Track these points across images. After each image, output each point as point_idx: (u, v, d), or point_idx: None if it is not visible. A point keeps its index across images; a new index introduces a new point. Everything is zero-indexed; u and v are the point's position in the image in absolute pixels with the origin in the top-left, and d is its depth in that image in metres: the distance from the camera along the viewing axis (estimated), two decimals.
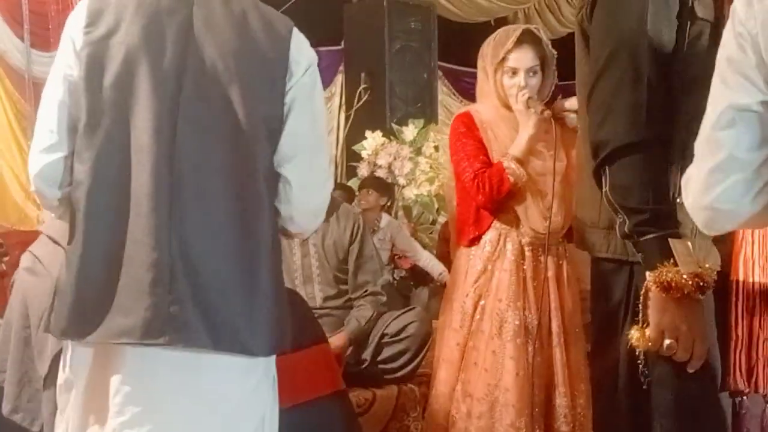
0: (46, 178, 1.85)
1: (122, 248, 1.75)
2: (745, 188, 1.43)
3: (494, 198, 2.89)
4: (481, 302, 2.92)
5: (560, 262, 2.98)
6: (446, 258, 5.01)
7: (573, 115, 2.94)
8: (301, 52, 1.90)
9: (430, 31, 7.88)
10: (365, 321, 3.69)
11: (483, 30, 2.96)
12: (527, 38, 2.95)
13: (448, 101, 8.66)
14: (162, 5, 1.83)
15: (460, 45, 7.43)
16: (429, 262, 5.93)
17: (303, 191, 1.91)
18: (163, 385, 1.78)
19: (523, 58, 2.94)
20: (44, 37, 6.68)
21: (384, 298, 3.87)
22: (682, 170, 1.55)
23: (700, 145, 1.49)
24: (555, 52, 3.02)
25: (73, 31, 1.83)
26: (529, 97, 2.90)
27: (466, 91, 8.22)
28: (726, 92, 1.43)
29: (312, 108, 1.92)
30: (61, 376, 1.86)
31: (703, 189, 1.47)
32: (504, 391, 2.83)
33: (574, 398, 2.93)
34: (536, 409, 2.89)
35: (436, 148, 7.02)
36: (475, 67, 3.11)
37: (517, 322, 2.87)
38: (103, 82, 1.79)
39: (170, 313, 1.73)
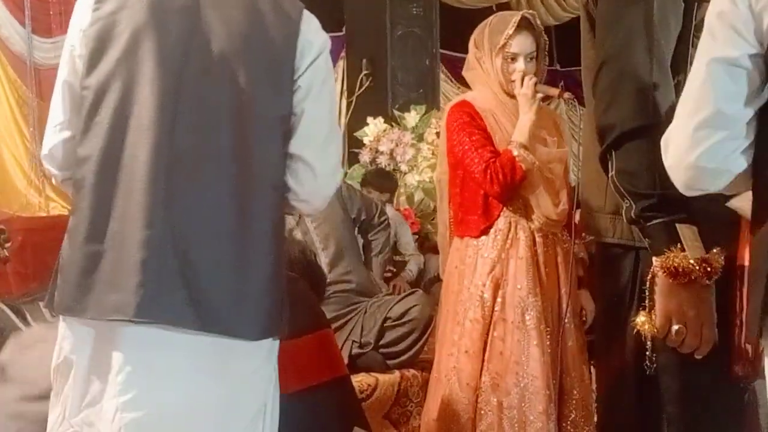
0: (54, 158, 1.89)
1: (119, 224, 1.76)
2: (731, 147, 1.43)
3: (509, 187, 2.87)
4: (500, 291, 2.90)
5: (565, 246, 2.98)
6: None
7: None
8: (313, 34, 1.89)
9: (432, 16, 7.86)
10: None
11: (484, 16, 2.95)
12: (525, 24, 2.96)
13: (445, 87, 8.64)
14: None
15: (459, 31, 7.42)
16: (414, 262, 5.82)
17: (322, 174, 1.92)
18: (164, 365, 1.78)
19: (523, 43, 2.94)
20: (46, 23, 6.66)
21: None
22: None
23: (684, 102, 1.49)
24: (547, 40, 3.04)
25: (82, 9, 1.83)
26: (536, 83, 2.90)
27: (464, 77, 8.19)
28: (714, 46, 1.43)
29: (328, 92, 1.94)
30: (58, 357, 1.84)
31: (688, 146, 1.46)
32: (532, 378, 2.82)
33: (581, 382, 2.94)
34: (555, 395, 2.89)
35: (438, 134, 7.00)
36: None
37: (538, 309, 2.87)
38: (108, 59, 1.79)
39: (160, 291, 1.73)
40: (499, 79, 2.96)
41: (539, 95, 2.93)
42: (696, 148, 1.45)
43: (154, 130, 1.76)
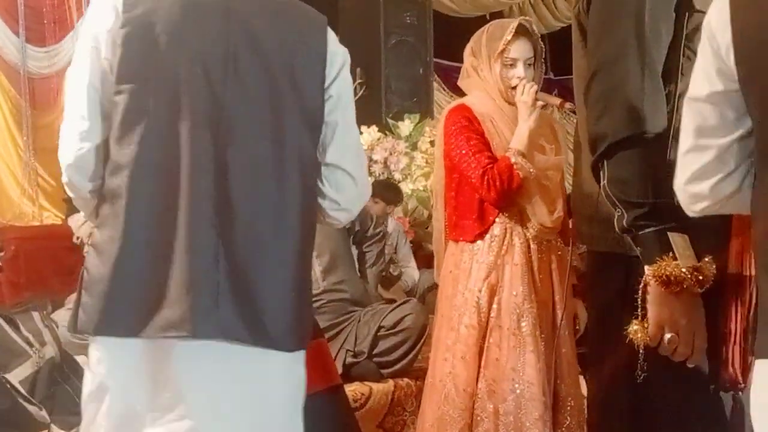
0: (81, 167, 1.79)
1: (165, 238, 1.70)
2: (708, 173, 1.50)
3: (505, 194, 2.87)
4: (496, 297, 2.90)
5: (559, 254, 2.99)
6: None
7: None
8: (337, 45, 1.92)
9: (426, 25, 7.88)
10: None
11: (478, 25, 2.96)
12: (522, 30, 2.96)
13: (439, 96, 8.65)
14: None
15: (453, 40, 7.44)
16: (410, 271, 5.82)
17: (361, 181, 1.96)
18: (214, 377, 1.76)
19: (522, 49, 2.94)
20: (39, 33, 6.67)
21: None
22: None
23: (681, 129, 1.56)
24: (543, 46, 3.04)
25: (105, 10, 1.76)
26: (537, 91, 2.90)
27: (457, 86, 8.21)
28: (692, 84, 1.52)
29: (352, 102, 1.96)
30: (90, 383, 1.78)
31: (680, 170, 1.56)
32: (528, 385, 2.82)
33: (576, 389, 2.95)
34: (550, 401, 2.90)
35: (432, 143, 7.01)
36: None
37: (534, 315, 2.87)
38: (146, 64, 1.73)
39: (213, 306, 1.71)
40: (498, 85, 2.96)
41: (539, 103, 2.93)
42: (684, 173, 1.54)
43: (199, 140, 1.73)
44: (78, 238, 4.60)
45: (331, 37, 1.91)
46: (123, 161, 1.72)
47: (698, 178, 1.52)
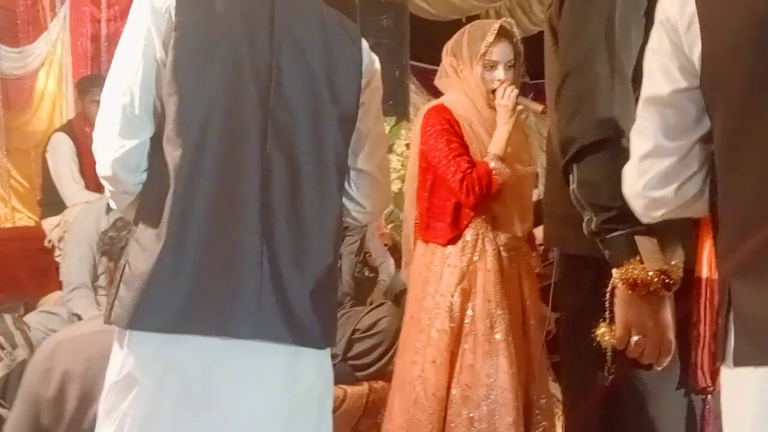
0: (128, 162, 1.80)
1: (210, 239, 1.74)
2: (672, 177, 1.49)
3: (484, 199, 2.89)
4: (470, 303, 2.91)
5: (527, 260, 3.00)
6: None
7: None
8: (370, 54, 1.98)
9: (403, 28, 7.87)
10: None
11: (453, 29, 2.95)
12: (503, 32, 2.97)
13: (415, 98, 8.65)
14: None
15: (429, 43, 7.45)
16: (386, 269, 5.81)
17: (387, 187, 2.04)
18: (255, 376, 1.79)
19: (503, 51, 2.97)
20: (13, 33, 6.58)
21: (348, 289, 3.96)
22: None
23: (632, 134, 1.55)
24: (522, 49, 3.05)
25: (157, 11, 1.78)
26: (518, 95, 2.91)
27: (434, 89, 8.24)
28: (648, 84, 1.50)
29: (381, 109, 2.04)
30: (116, 374, 1.79)
31: (636, 176, 1.54)
32: (502, 390, 2.84)
33: (547, 391, 2.96)
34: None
35: (407, 145, 7.02)
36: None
37: (506, 321, 2.88)
38: (202, 67, 1.77)
39: (258, 306, 1.75)
40: (480, 88, 2.96)
41: (519, 107, 2.93)
42: (641, 179, 1.52)
43: (249, 142, 1.77)
44: (50, 240, 4.57)
45: (365, 45, 1.97)
46: (173, 161, 1.75)
47: (661, 182, 1.50)
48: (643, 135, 1.51)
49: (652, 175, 1.50)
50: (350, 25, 1.99)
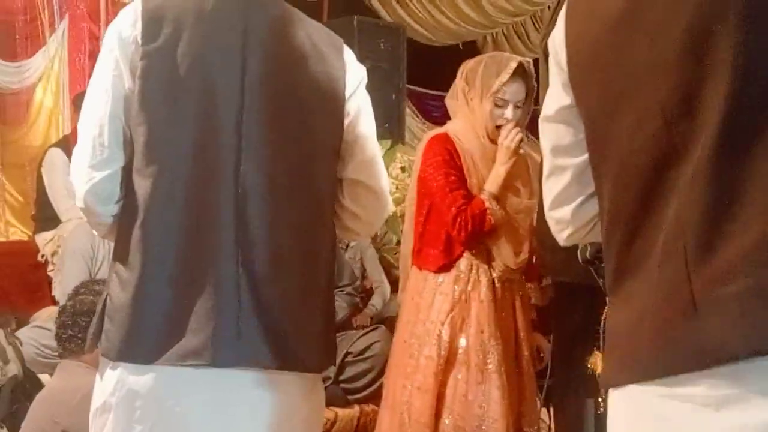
0: (99, 193, 1.78)
1: (185, 268, 1.71)
2: (570, 196, 1.46)
3: (476, 237, 2.89)
4: (463, 333, 2.90)
5: (521, 292, 3.00)
6: None
7: None
8: (355, 63, 1.94)
9: (400, 52, 7.89)
10: (341, 312, 3.78)
11: (450, 54, 2.96)
12: (519, 71, 2.94)
13: (411, 122, 8.67)
14: (222, 14, 1.79)
15: (425, 67, 7.48)
16: (381, 292, 5.79)
17: (383, 195, 1.95)
18: (235, 404, 1.76)
19: (516, 91, 2.94)
20: (11, 47, 6.60)
21: (357, 299, 3.94)
22: None
23: (542, 152, 1.53)
24: (535, 85, 3.02)
25: (124, 41, 1.76)
26: (521, 139, 2.90)
27: (429, 113, 8.27)
28: (544, 103, 1.48)
29: (371, 117, 1.97)
30: (99, 398, 1.78)
31: (545, 196, 1.52)
32: (493, 421, 2.83)
33: (537, 422, 2.96)
34: None
35: (403, 168, 7.02)
36: (441, 89, 3.10)
37: (499, 352, 2.88)
38: (167, 97, 1.74)
39: (237, 333, 1.71)
40: (486, 123, 2.95)
41: (522, 151, 2.93)
42: (547, 198, 1.50)
43: (222, 168, 1.73)
44: (43, 255, 4.56)
45: (349, 54, 1.94)
46: (143, 191, 1.72)
47: (560, 203, 1.48)
48: (544, 155, 1.50)
49: (554, 195, 1.48)
50: (332, 35, 1.94)
